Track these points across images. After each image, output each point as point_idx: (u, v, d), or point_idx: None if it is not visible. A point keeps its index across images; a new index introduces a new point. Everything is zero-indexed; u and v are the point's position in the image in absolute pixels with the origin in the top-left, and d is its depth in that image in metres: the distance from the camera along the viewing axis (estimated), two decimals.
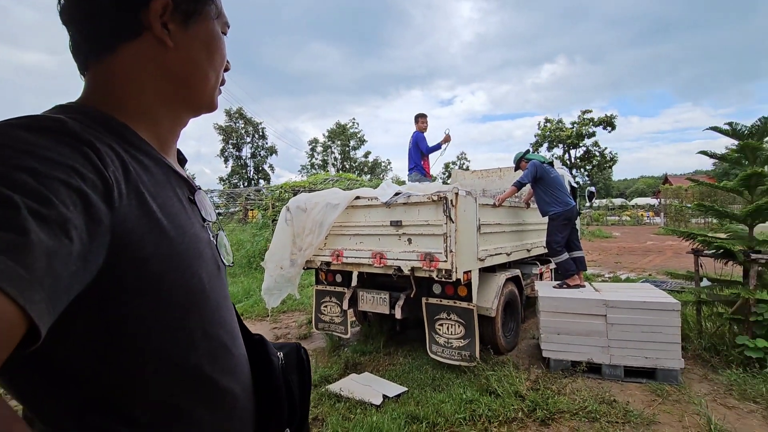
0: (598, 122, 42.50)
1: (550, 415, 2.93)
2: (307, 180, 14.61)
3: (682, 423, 2.84)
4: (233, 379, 0.62)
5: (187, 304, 0.54)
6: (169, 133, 0.65)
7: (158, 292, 0.50)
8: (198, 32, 0.62)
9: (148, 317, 0.50)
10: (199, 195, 0.66)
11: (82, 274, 0.40)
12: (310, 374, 0.81)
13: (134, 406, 0.50)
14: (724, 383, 3.39)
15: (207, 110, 0.69)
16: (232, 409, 0.61)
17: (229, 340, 0.63)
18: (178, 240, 0.54)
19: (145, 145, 0.58)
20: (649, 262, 11.61)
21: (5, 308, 0.32)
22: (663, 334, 3.50)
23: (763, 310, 3.59)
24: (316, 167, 49.16)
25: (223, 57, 0.67)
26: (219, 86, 0.69)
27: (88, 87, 0.58)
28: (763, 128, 4.07)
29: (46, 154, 0.41)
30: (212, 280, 0.60)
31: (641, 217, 35.60)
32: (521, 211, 5.04)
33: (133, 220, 0.48)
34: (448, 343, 3.77)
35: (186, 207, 0.61)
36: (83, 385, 0.47)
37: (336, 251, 4.19)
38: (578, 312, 3.78)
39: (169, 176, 0.60)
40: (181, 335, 0.54)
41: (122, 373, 0.49)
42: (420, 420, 2.88)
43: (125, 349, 0.48)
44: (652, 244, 16.72)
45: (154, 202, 0.52)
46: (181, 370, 0.54)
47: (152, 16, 0.57)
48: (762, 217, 3.96)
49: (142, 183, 0.51)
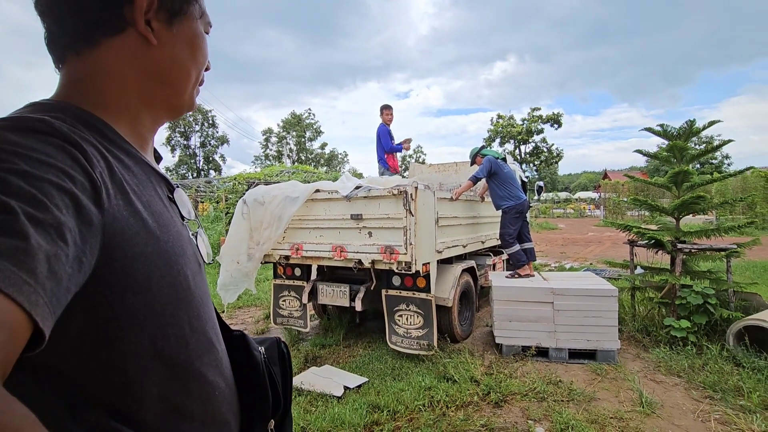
0: (546, 120, 44.76)
1: (503, 397, 3.11)
2: (262, 171, 14.21)
3: (618, 398, 3.13)
4: (219, 373, 0.63)
5: (175, 302, 0.54)
6: (148, 131, 0.64)
7: (148, 290, 0.50)
8: (182, 31, 0.61)
9: (139, 315, 0.50)
10: (177, 193, 0.66)
11: (77, 276, 0.40)
12: (291, 367, 0.83)
13: (130, 403, 0.50)
14: (654, 360, 3.76)
15: (187, 110, 0.68)
16: (221, 402, 0.62)
17: (214, 335, 0.64)
18: (163, 238, 0.54)
19: (125, 143, 0.57)
20: (591, 252, 12.48)
21: (13, 314, 0.32)
22: (603, 318, 3.81)
23: (686, 294, 4.01)
24: (270, 158, 47.84)
25: (205, 56, 0.66)
26: (198, 86, 0.68)
27: (65, 82, 0.56)
28: (689, 130, 4.49)
29: (36, 156, 0.40)
30: (195, 277, 0.60)
31: (584, 210, 38.00)
32: (476, 204, 5.24)
33: (121, 220, 0.48)
34: (407, 333, 3.87)
35: (167, 205, 0.61)
36: (78, 384, 0.46)
37: (295, 245, 4.14)
38: (528, 300, 4.02)
39: (149, 175, 0.59)
40: (171, 331, 0.54)
41: (116, 370, 0.48)
42: (381, 409, 2.95)
43: (118, 347, 0.48)
44: (593, 235, 17.96)
45: (139, 201, 0.52)
46: (172, 366, 0.54)
47: (137, 12, 0.55)
48: (687, 210, 4.40)
49: (126, 182, 0.51)
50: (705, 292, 3.92)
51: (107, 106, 0.56)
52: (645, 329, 4.36)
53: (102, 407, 0.48)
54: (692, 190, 4.49)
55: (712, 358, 3.54)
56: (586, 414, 2.87)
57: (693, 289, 3.98)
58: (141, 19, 0.56)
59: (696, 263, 4.60)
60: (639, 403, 3.00)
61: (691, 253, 4.36)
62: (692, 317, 3.96)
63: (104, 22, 0.55)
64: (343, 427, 2.72)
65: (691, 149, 4.53)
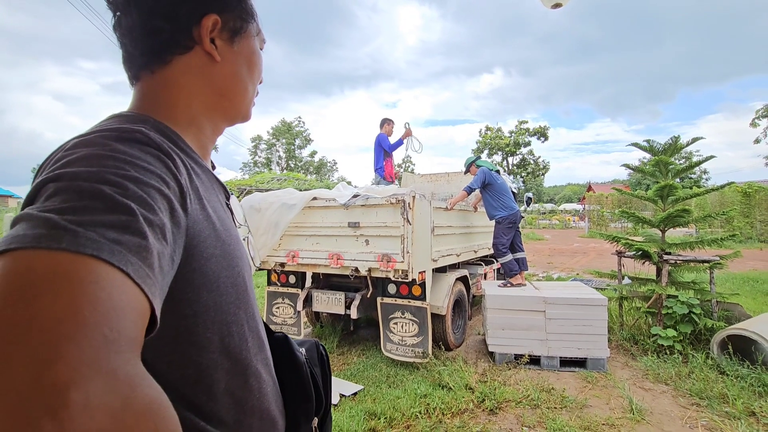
0: (533, 132, 45.61)
1: (498, 404, 3.16)
2: (253, 179, 14.14)
3: (608, 405, 3.20)
4: (268, 371, 0.67)
5: (237, 301, 0.59)
6: (209, 141, 0.69)
7: (217, 289, 0.54)
8: (242, 48, 0.67)
9: (211, 312, 0.53)
10: (232, 200, 0.72)
11: (171, 273, 0.45)
12: (329, 368, 0.88)
13: (200, 395, 0.53)
14: (642, 369, 3.86)
15: (242, 120, 0.73)
16: (272, 399, 0.66)
17: (264, 335, 0.69)
18: (228, 241, 0.58)
19: (193, 152, 0.62)
20: (577, 262, 12.70)
21: (143, 302, 0.37)
22: (593, 327, 3.90)
23: (672, 304, 4.14)
24: (259, 165, 47.53)
25: (260, 72, 0.72)
26: (254, 98, 0.74)
27: (140, 96, 0.61)
28: (673, 146, 4.68)
29: (142, 164, 0.45)
30: (249, 279, 0.65)
31: (569, 222, 38.65)
32: (470, 214, 5.33)
33: (199, 223, 0.52)
34: (402, 341, 3.90)
35: (226, 211, 0.66)
36: (160, 374, 0.49)
37: (291, 252, 4.15)
38: (521, 308, 4.09)
39: (212, 182, 0.65)
40: (235, 329, 0.58)
41: (191, 363, 0.52)
42: (378, 416, 2.97)
43: (194, 342, 0.52)
44: (578, 246, 18.27)
45: (209, 206, 0.57)
46: (236, 361, 0.58)
47: (203, 32, 0.61)
48: (673, 223, 4.56)
49: (199, 189, 0.56)
50: (690, 302, 4.06)
51: (177, 118, 0.61)
52: (633, 338, 4.47)
53: (177, 398, 0.50)
54: (677, 203, 4.65)
55: (697, 367, 3.66)
56: (579, 420, 2.93)
57: (679, 299, 4.11)
58: (207, 38, 0.61)
59: (681, 274, 4.75)
60: (629, 410, 3.08)
61: (677, 264, 4.51)
62: (678, 326, 4.08)
63: (175, 42, 0.60)
64: None
65: (675, 164, 4.71)
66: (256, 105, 0.77)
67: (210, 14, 0.61)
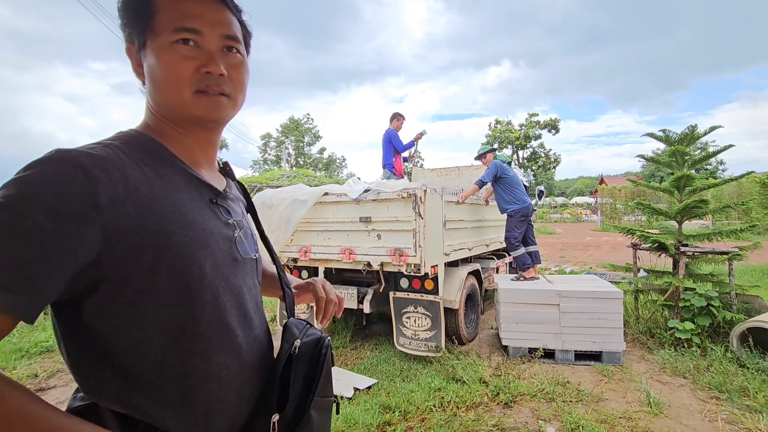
0: (543, 125, 45.02)
1: (512, 398, 3.14)
2: (263, 176, 14.23)
3: (625, 398, 3.17)
4: (234, 357, 0.71)
5: (186, 286, 0.65)
6: (196, 147, 0.77)
7: (157, 274, 0.62)
8: (146, 58, 0.71)
9: (147, 294, 0.62)
10: (221, 198, 0.78)
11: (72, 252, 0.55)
12: (324, 368, 0.81)
13: (137, 367, 0.62)
14: (659, 362, 3.81)
15: (195, 120, 0.74)
16: (227, 383, 0.70)
17: (235, 320, 0.72)
18: (180, 233, 0.65)
19: (172, 157, 0.72)
20: (590, 256, 12.55)
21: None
22: (608, 320, 3.85)
23: (690, 297, 4.06)
24: (269, 162, 47.81)
25: (172, 67, 0.69)
26: (204, 90, 0.71)
27: None
28: (690, 135, 4.57)
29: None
30: (219, 269, 0.70)
31: (580, 215, 38.20)
32: (481, 208, 5.29)
33: (127, 219, 0.60)
34: (415, 335, 3.90)
35: (203, 207, 0.72)
36: (101, 344, 0.61)
37: (304, 247, 4.17)
38: (534, 302, 4.06)
39: (188, 182, 0.72)
40: (177, 311, 0.65)
41: (130, 339, 0.61)
42: (392, 409, 2.98)
43: (134, 319, 0.61)
44: (591, 239, 18.06)
45: (158, 203, 0.64)
46: (183, 339, 0.65)
47: (132, 58, 0.73)
48: (690, 214, 4.47)
49: (159, 187, 0.65)
50: (708, 295, 3.98)
51: (156, 131, 0.74)
52: (649, 331, 4.41)
53: (118, 367, 0.62)
54: (694, 194, 4.56)
55: (716, 360, 3.59)
56: (596, 414, 2.90)
57: (696, 292, 4.03)
58: (134, 61, 0.74)
59: (698, 266, 4.66)
60: (646, 403, 3.04)
61: (694, 256, 4.42)
62: (696, 319, 4.01)
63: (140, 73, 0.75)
64: (356, 427, 2.74)
65: (692, 154, 4.61)
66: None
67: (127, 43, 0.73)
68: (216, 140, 0.81)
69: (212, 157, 0.82)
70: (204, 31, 0.70)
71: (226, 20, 0.73)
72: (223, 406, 0.69)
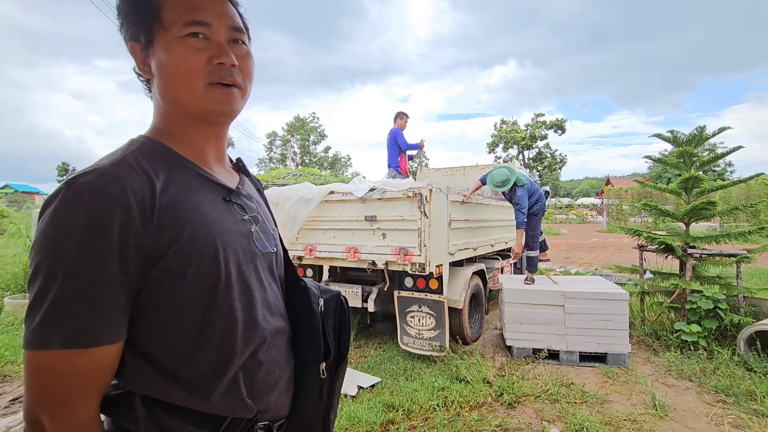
0: (549, 125, 44.74)
1: (516, 398, 3.14)
2: (269, 174, 14.25)
3: (630, 401, 3.15)
4: (262, 346, 0.76)
5: (212, 287, 0.68)
6: (205, 144, 0.78)
7: (184, 278, 0.65)
8: (156, 55, 0.71)
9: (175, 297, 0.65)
10: (234, 196, 0.79)
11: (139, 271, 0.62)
12: (348, 318, 0.95)
13: (169, 359, 0.66)
14: (665, 364, 3.78)
15: (207, 115, 0.74)
16: (261, 367, 0.76)
17: (260, 315, 0.76)
18: (203, 234, 0.67)
19: (182, 160, 0.73)
20: (595, 257, 12.47)
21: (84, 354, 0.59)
22: (613, 321, 3.83)
23: (697, 299, 4.03)
24: (274, 161, 47.94)
25: (184, 61, 0.69)
26: (213, 83, 0.71)
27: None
28: (699, 137, 4.53)
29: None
30: (242, 265, 0.73)
31: (586, 216, 37.96)
32: (486, 208, 5.27)
33: (157, 234, 0.63)
34: (419, 335, 3.90)
35: (219, 206, 0.73)
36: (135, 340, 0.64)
37: (309, 246, 4.19)
38: (539, 303, 4.04)
39: (203, 184, 0.73)
40: (212, 311, 0.68)
41: (164, 335, 0.65)
42: (396, 408, 2.98)
43: (165, 320, 0.65)
44: (596, 240, 17.94)
45: (183, 206, 0.67)
46: (212, 336, 0.68)
47: (136, 57, 0.73)
48: (697, 216, 4.43)
49: (175, 194, 0.67)
50: (715, 297, 3.95)
51: (163, 134, 0.74)
52: (655, 333, 4.38)
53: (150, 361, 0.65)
54: (702, 195, 4.51)
55: (723, 363, 3.56)
56: (600, 416, 2.89)
57: (703, 294, 4.00)
58: (138, 60, 0.73)
59: (705, 268, 4.62)
60: (652, 405, 3.02)
61: (702, 258, 4.38)
62: (702, 322, 3.98)
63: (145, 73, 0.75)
64: (360, 425, 2.75)
65: (701, 156, 4.57)
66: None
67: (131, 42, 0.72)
68: (224, 134, 0.82)
69: (222, 151, 0.82)
70: (213, 24, 0.71)
71: (231, 12, 0.75)
72: (262, 386, 0.75)
